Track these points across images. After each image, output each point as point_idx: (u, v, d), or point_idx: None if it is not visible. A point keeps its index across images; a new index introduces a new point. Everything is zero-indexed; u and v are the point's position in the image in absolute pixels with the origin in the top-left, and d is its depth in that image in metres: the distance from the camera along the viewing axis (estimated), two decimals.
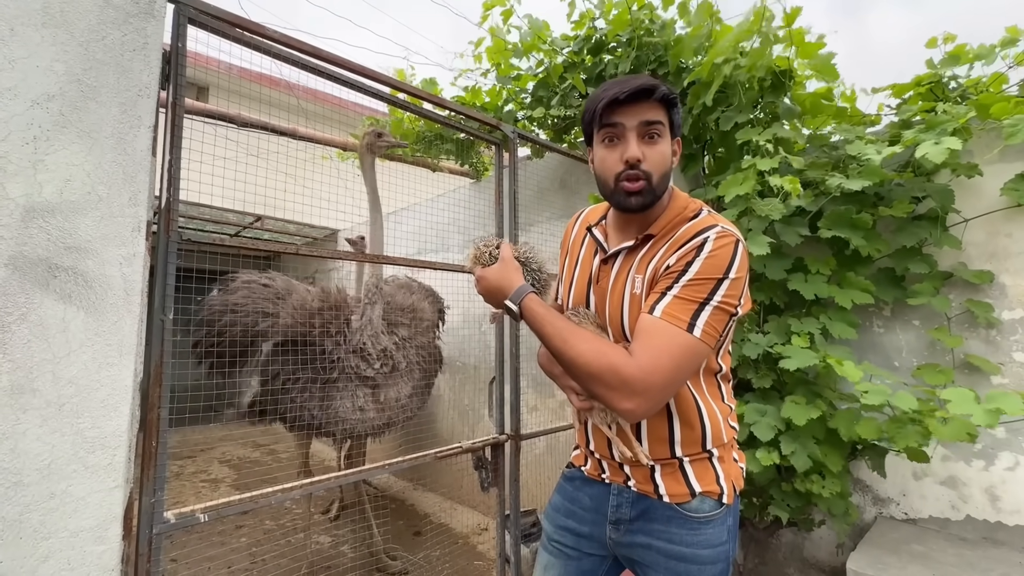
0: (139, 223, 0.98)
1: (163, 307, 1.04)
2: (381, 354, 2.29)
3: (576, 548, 1.11)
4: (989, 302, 1.88)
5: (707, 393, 1.02)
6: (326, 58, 1.38)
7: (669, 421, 1.00)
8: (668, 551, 0.98)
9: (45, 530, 0.85)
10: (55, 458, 0.87)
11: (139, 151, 1.00)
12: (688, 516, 0.98)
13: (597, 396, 0.88)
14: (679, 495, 0.99)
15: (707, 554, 0.97)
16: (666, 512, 0.99)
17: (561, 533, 1.13)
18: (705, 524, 0.98)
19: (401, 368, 2.37)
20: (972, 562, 1.75)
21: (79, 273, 0.91)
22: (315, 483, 1.34)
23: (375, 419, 2.27)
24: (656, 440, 1.00)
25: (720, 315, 0.88)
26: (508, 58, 2.73)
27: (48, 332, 0.88)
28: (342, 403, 2.18)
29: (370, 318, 2.28)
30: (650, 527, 1.01)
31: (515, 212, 1.90)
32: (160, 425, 1.02)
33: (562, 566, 1.12)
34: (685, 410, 1.00)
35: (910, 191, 1.96)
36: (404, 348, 2.43)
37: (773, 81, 2.17)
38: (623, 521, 1.04)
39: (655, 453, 1.00)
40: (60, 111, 0.92)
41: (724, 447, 1.03)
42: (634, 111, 0.93)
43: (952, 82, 2.00)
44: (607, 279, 1.04)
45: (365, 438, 2.58)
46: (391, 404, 2.31)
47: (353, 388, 2.22)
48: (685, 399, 1.00)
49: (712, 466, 1.01)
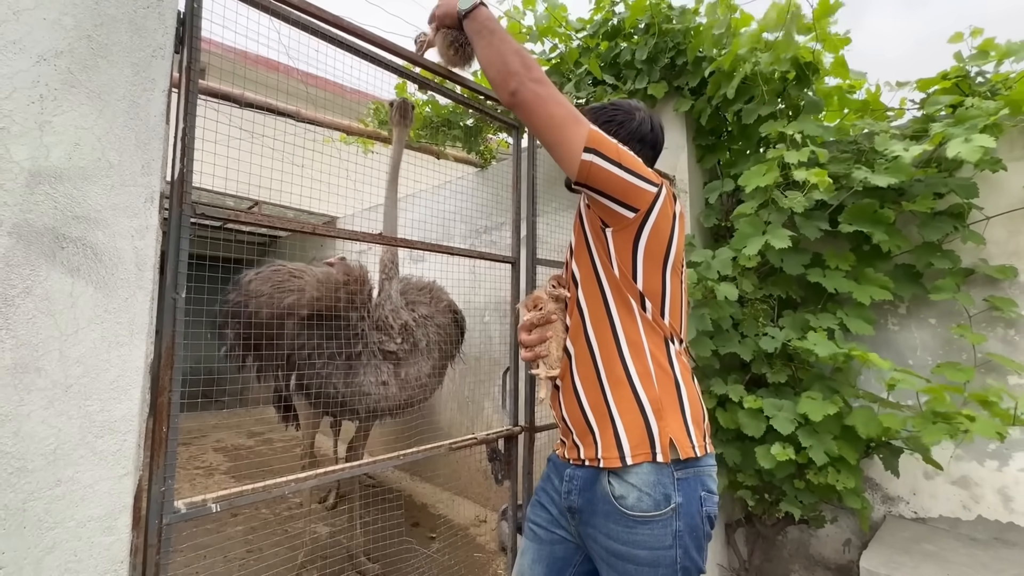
0: (152, 193, 0.92)
1: (175, 285, 0.98)
2: (402, 329, 2.25)
3: (548, 529, 1.09)
4: (1011, 298, 1.86)
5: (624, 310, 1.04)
6: (345, 27, 1.31)
7: (589, 345, 1.05)
8: (609, 547, 0.96)
9: (50, 519, 0.79)
10: (61, 443, 0.81)
11: (153, 116, 0.93)
12: (624, 512, 0.95)
13: (498, 72, 1.02)
14: (610, 458, 0.97)
15: (644, 555, 0.93)
16: (605, 506, 0.97)
17: (536, 514, 1.13)
18: (642, 524, 0.93)
19: (421, 346, 2.32)
20: (984, 563, 1.74)
21: (88, 245, 0.85)
22: (327, 473, 1.29)
23: (397, 395, 2.23)
24: (585, 379, 1.04)
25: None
26: (523, 42, 2.66)
27: (55, 307, 0.81)
28: (366, 377, 2.15)
29: (389, 293, 2.23)
30: (594, 520, 0.99)
31: (533, 197, 1.84)
32: (171, 410, 0.96)
33: (536, 550, 1.10)
34: (602, 329, 1.04)
35: (933, 186, 1.92)
36: (424, 326, 2.38)
37: (798, 73, 2.13)
38: (574, 511, 1.03)
39: (587, 396, 1.04)
40: (69, 69, 0.84)
41: (656, 390, 0.99)
42: None
43: (980, 77, 1.97)
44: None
45: (375, 421, 2.54)
46: (411, 382, 2.27)
47: (377, 363, 2.19)
48: (598, 311, 1.05)
49: (643, 415, 0.97)
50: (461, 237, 3.89)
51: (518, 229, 1.84)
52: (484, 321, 3.64)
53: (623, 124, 1.16)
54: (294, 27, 1.23)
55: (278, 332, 2.20)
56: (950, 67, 1.99)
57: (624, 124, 1.16)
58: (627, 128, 1.16)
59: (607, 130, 1.11)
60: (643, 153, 1.14)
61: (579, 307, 1.08)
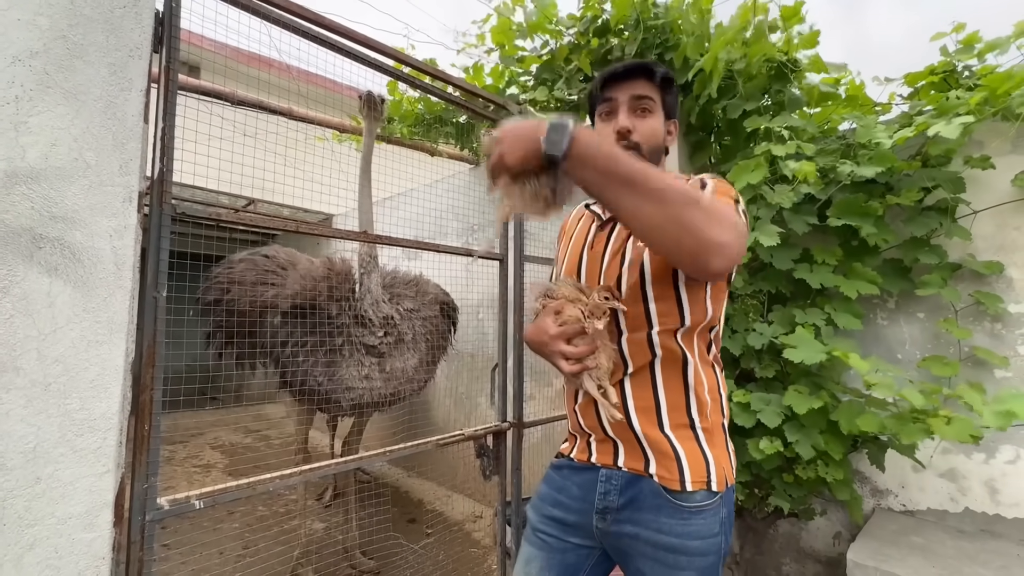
0: (131, 193, 0.92)
1: (156, 284, 0.99)
2: (384, 322, 2.25)
3: (561, 539, 1.06)
4: (997, 294, 1.86)
5: (696, 351, 0.98)
6: (328, 26, 1.31)
7: (654, 386, 0.97)
8: (656, 541, 0.94)
9: (30, 516, 0.80)
10: (41, 441, 0.82)
11: (130, 116, 0.93)
12: (678, 505, 0.94)
13: (687, 229, 0.74)
14: (669, 479, 0.95)
15: (697, 545, 0.93)
16: (655, 500, 0.95)
17: (546, 523, 1.08)
18: (696, 514, 0.93)
19: (407, 340, 2.33)
20: (971, 555, 1.75)
21: (66, 245, 0.85)
22: (313, 470, 1.30)
23: (382, 389, 2.23)
24: (642, 411, 0.98)
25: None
26: (512, 39, 2.65)
27: (32, 307, 0.82)
28: (348, 371, 2.15)
29: (368, 287, 2.24)
30: (638, 516, 0.96)
31: None
32: (153, 408, 0.97)
33: (545, 558, 1.06)
34: (671, 372, 0.98)
35: (920, 180, 1.93)
36: (410, 319, 2.38)
37: (777, 70, 2.14)
38: (611, 510, 1.00)
39: (642, 426, 0.98)
40: (44, 70, 0.85)
41: (710, 423, 0.98)
42: (628, 87, 0.98)
43: (966, 71, 1.97)
44: (602, 244, 1.01)
45: (367, 415, 2.54)
46: (397, 375, 2.28)
47: (359, 356, 2.19)
48: (672, 354, 0.97)
49: (700, 448, 0.97)
50: (455, 234, 3.89)
51: (506, 227, 1.85)
52: (479, 318, 3.65)
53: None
54: (275, 25, 1.23)
55: (259, 325, 2.21)
56: (937, 62, 2.00)
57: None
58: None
59: (676, 109, 1.04)
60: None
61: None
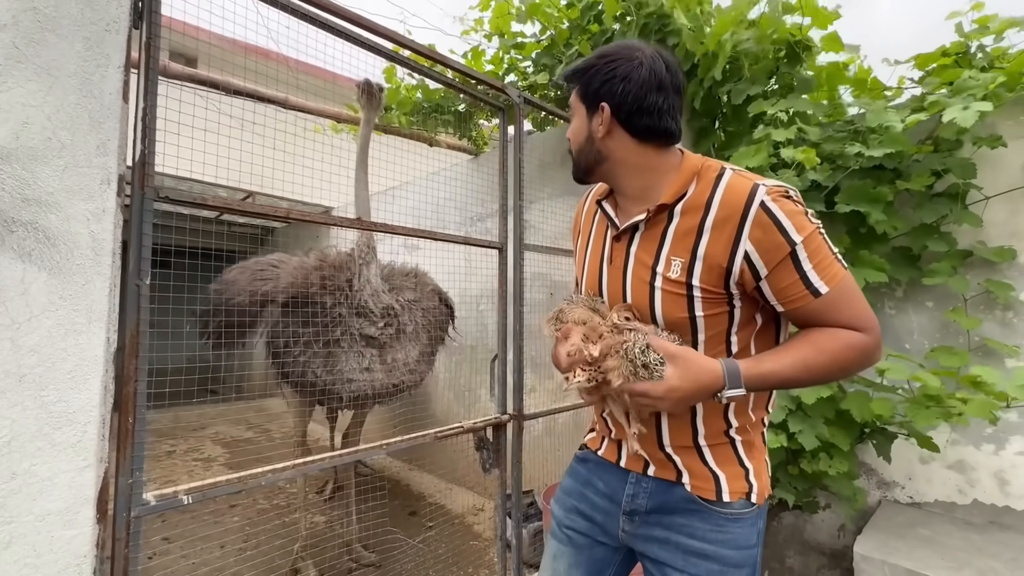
0: (109, 175, 0.88)
1: (139, 271, 0.94)
2: (384, 312, 2.22)
3: (588, 535, 1.02)
4: (1009, 282, 1.82)
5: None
6: (324, 6, 1.26)
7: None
8: (689, 547, 0.89)
9: (6, 514, 0.77)
10: (16, 434, 0.78)
11: (107, 94, 0.89)
12: (715, 511, 0.88)
13: (859, 368, 0.87)
14: (703, 488, 0.90)
15: (733, 555, 0.87)
16: (689, 505, 0.90)
17: (572, 518, 1.04)
18: (733, 522, 0.88)
19: (408, 331, 2.29)
20: (980, 547, 1.72)
21: (40, 229, 0.81)
22: (307, 463, 1.27)
23: (384, 380, 2.20)
24: (676, 428, 0.92)
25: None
26: (510, 22, 2.59)
27: (5, 294, 0.78)
28: (348, 363, 2.12)
29: (367, 278, 2.21)
30: (669, 520, 0.91)
31: (520, 184, 1.80)
32: (137, 400, 0.94)
33: (573, 555, 1.03)
34: None
35: (930, 165, 1.87)
36: (410, 310, 2.35)
37: (788, 52, 2.07)
38: (638, 512, 0.95)
39: (676, 440, 0.91)
40: (13, 43, 0.80)
41: (748, 434, 0.93)
42: None
43: (980, 52, 1.91)
44: (621, 258, 0.94)
45: (368, 408, 2.51)
46: (399, 367, 2.24)
47: (359, 348, 2.16)
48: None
49: (738, 457, 0.91)
50: (455, 225, 3.84)
51: (506, 215, 1.80)
52: (479, 310, 3.61)
53: (628, 77, 0.86)
54: (272, 6, 1.18)
55: (256, 319, 2.18)
56: (950, 43, 1.94)
57: (630, 77, 0.86)
58: (635, 79, 0.86)
59: (609, 90, 0.88)
60: (670, 101, 0.88)
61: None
